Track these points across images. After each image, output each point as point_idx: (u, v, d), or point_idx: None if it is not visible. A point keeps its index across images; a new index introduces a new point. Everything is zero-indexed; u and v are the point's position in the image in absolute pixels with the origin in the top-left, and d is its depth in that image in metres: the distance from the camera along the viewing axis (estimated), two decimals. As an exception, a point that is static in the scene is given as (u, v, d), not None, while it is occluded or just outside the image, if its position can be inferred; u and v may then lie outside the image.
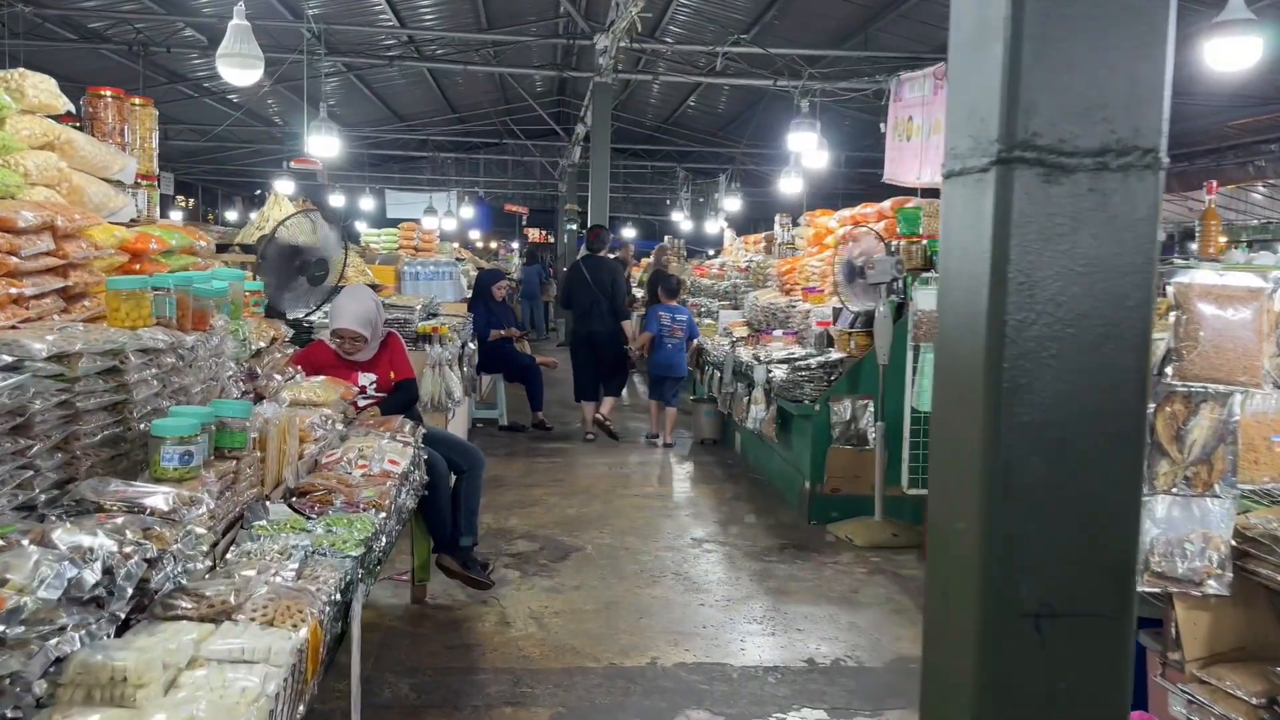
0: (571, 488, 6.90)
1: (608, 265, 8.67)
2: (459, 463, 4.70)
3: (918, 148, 7.83)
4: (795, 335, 7.63)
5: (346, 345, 4.62)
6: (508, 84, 19.30)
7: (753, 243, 13.45)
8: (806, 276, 8.57)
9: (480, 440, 8.53)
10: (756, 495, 6.81)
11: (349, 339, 4.61)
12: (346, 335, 4.60)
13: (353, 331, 4.59)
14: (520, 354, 9.36)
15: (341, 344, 4.62)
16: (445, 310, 7.51)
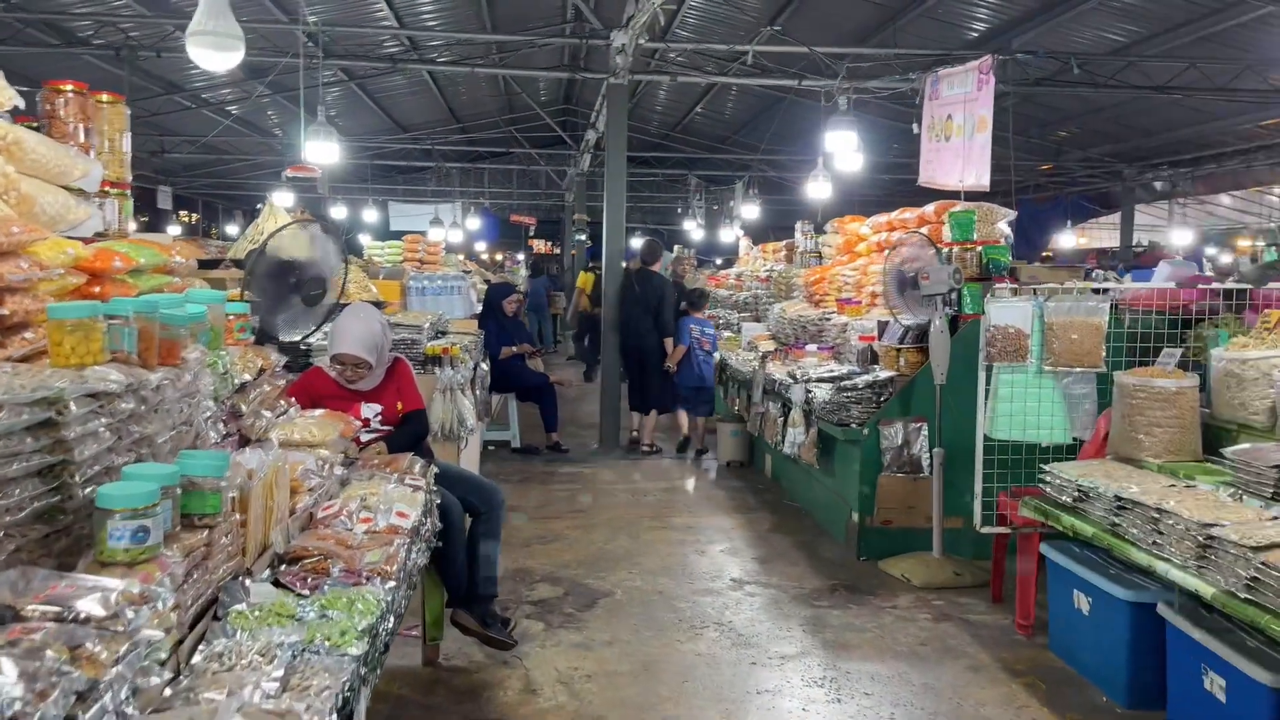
0: (593, 519, 6.36)
1: (656, 280, 8.68)
2: (475, 504, 4.16)
3: (959, 148, 7.29)
4: (831, 350, 7.09)
5: (348, 372, 4.09)
6: (513, 92, 18.83)
7: (772, 251, 12.93)
8: (839, 287, 8.04)
9: (492, 464, 8.00)
10: (796, 526, 6.26)
11: (351, 365, 4.08)
12: (348, 361, 4.07)
13: (355, 357, 4.06)
14: (533, 372, 8.84)
15: (343, 370, 4.09)
16: (455, 328, 6.99)
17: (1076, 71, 8.72)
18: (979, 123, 6.94)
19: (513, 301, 8.82)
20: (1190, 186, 17.28)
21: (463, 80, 18.87)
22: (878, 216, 7.97)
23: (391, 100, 19.27)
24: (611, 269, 9.27)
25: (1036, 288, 4.26)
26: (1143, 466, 4.01)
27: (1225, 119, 13.52)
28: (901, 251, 5.37)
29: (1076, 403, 4.28)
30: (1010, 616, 4.59)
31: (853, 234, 8.54)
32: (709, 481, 7.67)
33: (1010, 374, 4.24)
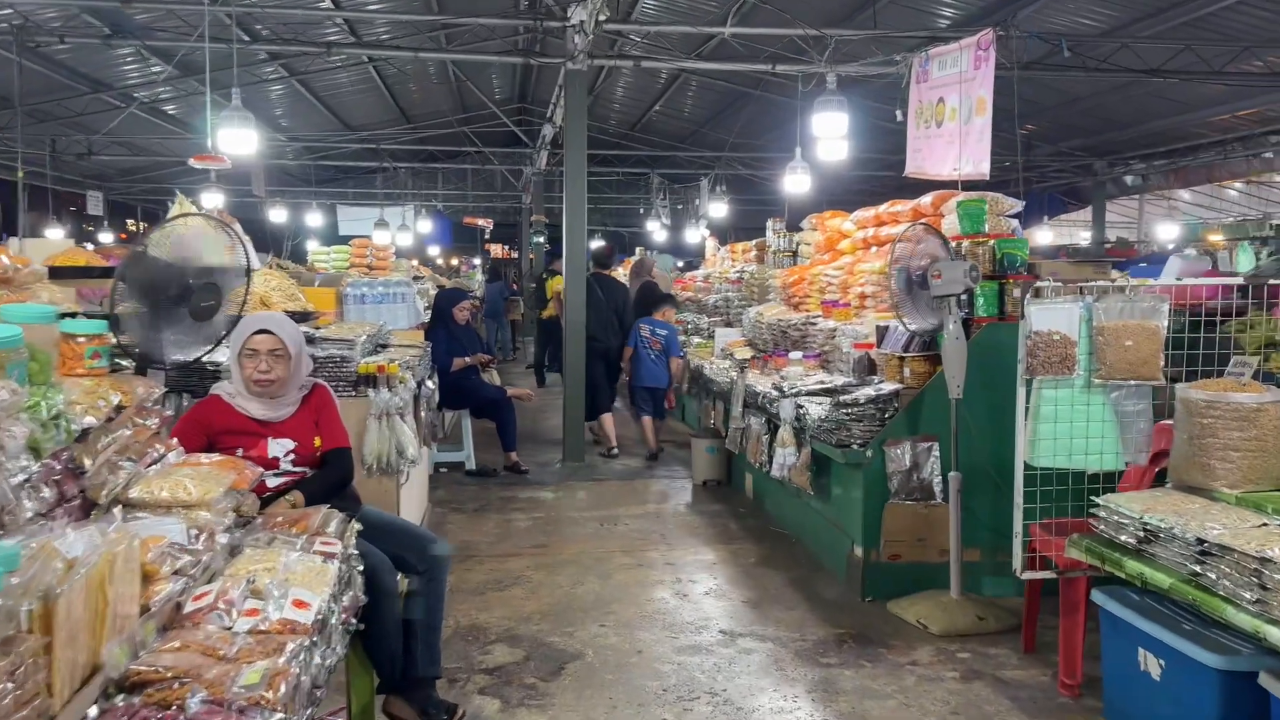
0: (558, 555, 5.59)
1: (618, 284, 8.87)
2: (412, 562, 3.39)
3: (953, 133, 6.65)
4: (819, 358, 6.39)
5: (262, 365, 3.31)
6: (466, 90, 17.97)
7: (741, 251, 12.25)
8: (821, 288, 7.36)
9: (444, 490, 7.20)
10: (787, 559, 5.55)
11: (268, 355, 3.31)
12: (263, 349, 3.31)
13: (273, 340, 3.31)
14: (488, 385, 8.05)
15: (255, 365, 3.31)
16: (398, 340, 6.19)
17: (1067, 54, 8.13)
18: (977, 105, 6.30)
19: (464, 308, 8.03)
20: (1163, 180, 16.89)
21: (413, 77, 18.01)
22: (863, 211, 7.31)
23: (338, 99, 18.32)
24: (574, 272, 8.52)
25: (1083, 286, 3.59)
26: (1215, 497, 3.34)
27: (1200, 109, 13.10)
28: (907, 247, 4.69)
29: (1130, 422, 3.62)
30: (1049, 672, 3.92)
31: (834, 231, 7.87)
32: (684, 505, 6.93)
33: (1054, 389, 3.56)
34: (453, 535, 6.03)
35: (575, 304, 8.48)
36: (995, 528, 4.79)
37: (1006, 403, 4.69)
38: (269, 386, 3.35)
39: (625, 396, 9.76)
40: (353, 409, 4.56)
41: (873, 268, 6.39)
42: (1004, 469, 4.66)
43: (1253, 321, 4.44)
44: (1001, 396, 4.72)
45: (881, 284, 6.24)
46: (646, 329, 8.65)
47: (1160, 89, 12.16)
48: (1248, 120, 13.54)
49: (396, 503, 4.64)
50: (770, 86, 14.81)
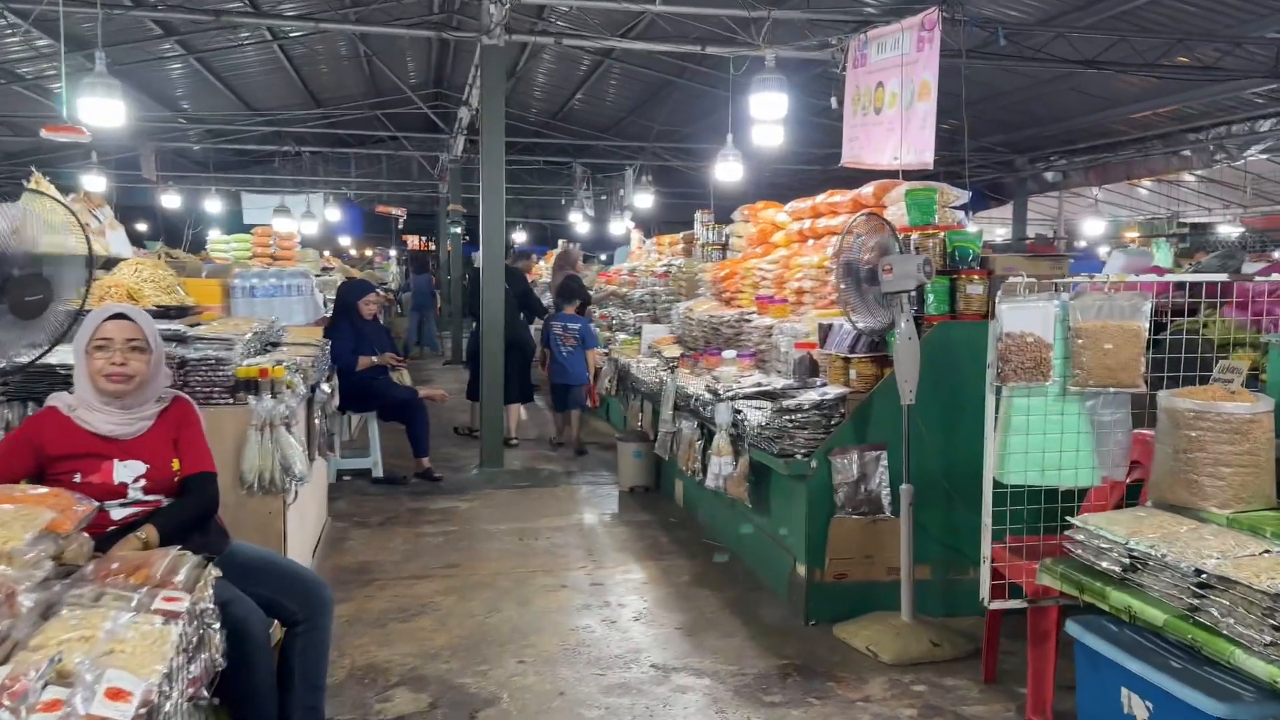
0: (471, 576, 5.07)
1: (519, 275, 8.82)
2: (290, 609, 2.85)
3: (893, 120, 6.31)
4: (754, 358, 5.98)
5: (118, 356, 2.75)
6: (379, 74, 17.15)
7: (668, 244, 11.83)
8: (754, 283, 6.96)
9: (346, 502, 6.60)
10: (722, 577, 5.12)
11: (123, 346, 2.75)
12: (116, 339, 2.76)
13: (130, 329, 2.76)
14: (397, 386, 7.45)
15: (108, 358, 2.74)
16: (293, 338, 5.57)
17: (1003, 43, 7.89)
18: (920, 89, 5.96)
19: (371, 302, 7.41)
20: (1083, 177, 17.04)
21: (323, 58, 17.12)
22: (798, 202, 6.93)
23: (242, 81, 17.29)
24: (491, 263, 7.97)
25: (1059, 282, 3.23)
26: (1204, 518, 3.01)
27: (1122, 106, 13.14)
28: (853, 239, 4.29)
29: (1106, 433, 3.27)
30: (1014, 705, 3.57)
31: (767, 223, 7.49)
32: (610, 514, 6.47)
33: (1026, 397, 3.19)
34: (353, 554, 5.45)
35: (494, 299, 7.95)
36: (948, 543, 4.45)
37: (960, 408, 4.36)
38: (124, 385, 2.78)
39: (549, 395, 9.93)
40: (230, 419, 3.97)
41: (810, 261, 6.01)
42: (957, 480, 4.32)
43: (1206, 321, 4.17)
44: (954, 401, 4.39)
45: (820, 279, 5.87)
46: (559, 326, 8.71)
47: (1082, 83, 12.12)
48: (1166, 118, 13.65)
49: (283, 525, 4.07)
50: (696, 76, 14.44)
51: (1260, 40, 8.70)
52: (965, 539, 4.43)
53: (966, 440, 4.38)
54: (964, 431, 4.40)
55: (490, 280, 7.94)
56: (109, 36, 13.35)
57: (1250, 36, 8.53)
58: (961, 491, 4.35)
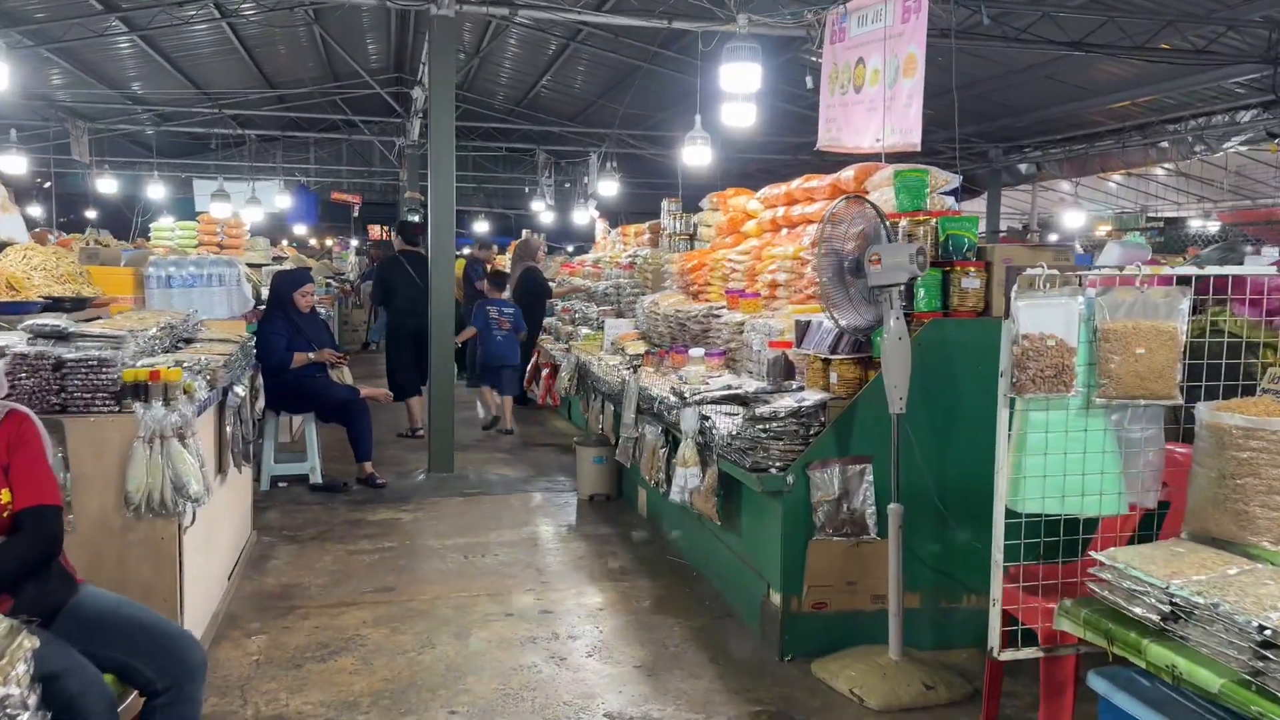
0: (407, 603, 4.52)
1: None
2: (148, 675, 2.30)
3: (875, 98, 5.81)
4: (723, 356, 5.48)
5: None
6: (336, 58, 16.46)
7: (634, 234, 11.29)
8: (724, 275, 6.45)
9: (279, 511, 6.02)
10: (688, 601, 4.61)
11: None
12: None
13: None
14: (337, 385, 6.86)
15: None
16: (210, 333, 4.97)
17: (987, 21, 7.43)
18: (905, 64, 5.46)
19: (308, 293, 6.82)
20: (1057, 169, 16.70)
21: (279, 39, 16.39)
22: (771, 188, 6.42)
23: (193, 63, 16.52)
24: (441, 251, 7.39)
25: (1082, 275, 2.74)
26: (1255, 555, 2.54)
27: (1100, 95, 12.79)
28: (836, 227, 3.79)
29: (1136, 452, 2.78)
30: (1021, 764, 3.09)
31: (738, 211, 6.97)
32: (567, 527, 5.93)
33: (1045, 410, 2.69)
34: (277, 575, 4.88)
35: (443, 290, 7.37)
36: (940, 567, 3.97)
37: (953, 416, 3.88)
38: None
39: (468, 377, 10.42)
40: (115, 429, 3.40)
41: (785, 252, 5.50)
42: (951, 497, 3.85)
43: (1215, 319, 3.72)
44: (947, 408, 3.91)
45: (796, 271, 5.37)
46: (494, 310, 8.93)
47: (1059, 72, 11.75)
48: (1144, 108, 13.32)
49: (178, 553, 3.50)
50: (665, 61, 13.91)
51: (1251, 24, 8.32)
52: (959, 563, 3.97)
53: (961, 452, 3.92)
54: (958, 442, 3.93)
55: (440, 268, 7.37)
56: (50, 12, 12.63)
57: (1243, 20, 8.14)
58: (955, 510, 3.88)
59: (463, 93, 19.67)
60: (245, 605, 4.44)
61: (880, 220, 3.79)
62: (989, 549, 2.85)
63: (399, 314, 8.56)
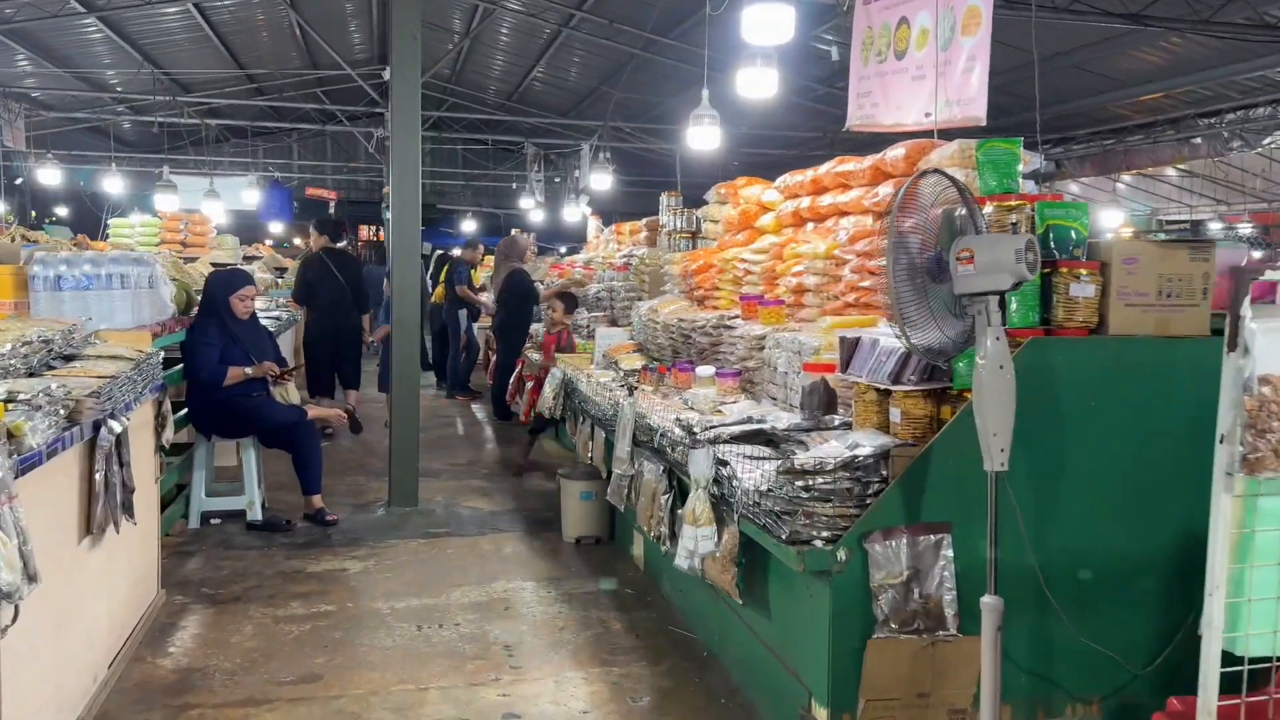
0: (334, 701, 3.49)
1: (351, 259, 8.86)
2: None
3: (924, 64, 4.81)
4: (738, 377, 4.47)
5: None
6: (316, 47, 15.42)
7: (629, 233, 10.29)
8: (736, 278, 5.44)
9: (204, 555, 5.03)
10: (699, 698, 3.59)
11: None
12: None
13: None
14: (280, 405, 5.84)
15: None
16: (99, 350, 3.94)
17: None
18: (965, 19, 4.46)
19: (247, 296, 5.81)
20: (1078, 168, 15.72)
21: (262, 27, 15.38)
22: (792, 175, 5.42)
23: (162, 51, 15.48)
24: (403, 246, 6.37)
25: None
26: None
27: (1129, 86, 11.82)
28: (913, 214, 2.79)
29: None
30: None
31: (752, 203, 5.97)
32: (547, 580, 4.91)
33: None
34: (178, 654, 3.86)
35: (407, 289, 6.35)
36: (1040, 671, 2.97)
37: (1060, 470, 2.89)
38: None
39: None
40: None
41: (814, 250, 4.50)
42: (1057, 577, 2.85)
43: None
44: (1052, 460, 2.91)
45: (829, 273, 4.37)
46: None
47: (1085, 60, 10.79)
48: (1178, 100, 12.35)
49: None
50: (662, 49, 12.90)
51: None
52: (1064, 664, 2.97)
53: (1071, 518, 2.93)
54: (1066, 505, 2.94)
55: (403, 264, 6.35)
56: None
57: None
58: (1063, 595, 2.88)
59: (451, 85, 18.67)
60: (125, 705, 3.42)
61: (969, 204, 2.78)
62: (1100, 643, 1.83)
63: (319, 314, 8.34)
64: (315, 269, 8.39)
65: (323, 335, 8.34)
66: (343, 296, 8.24)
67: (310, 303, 8.46)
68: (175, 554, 5.12)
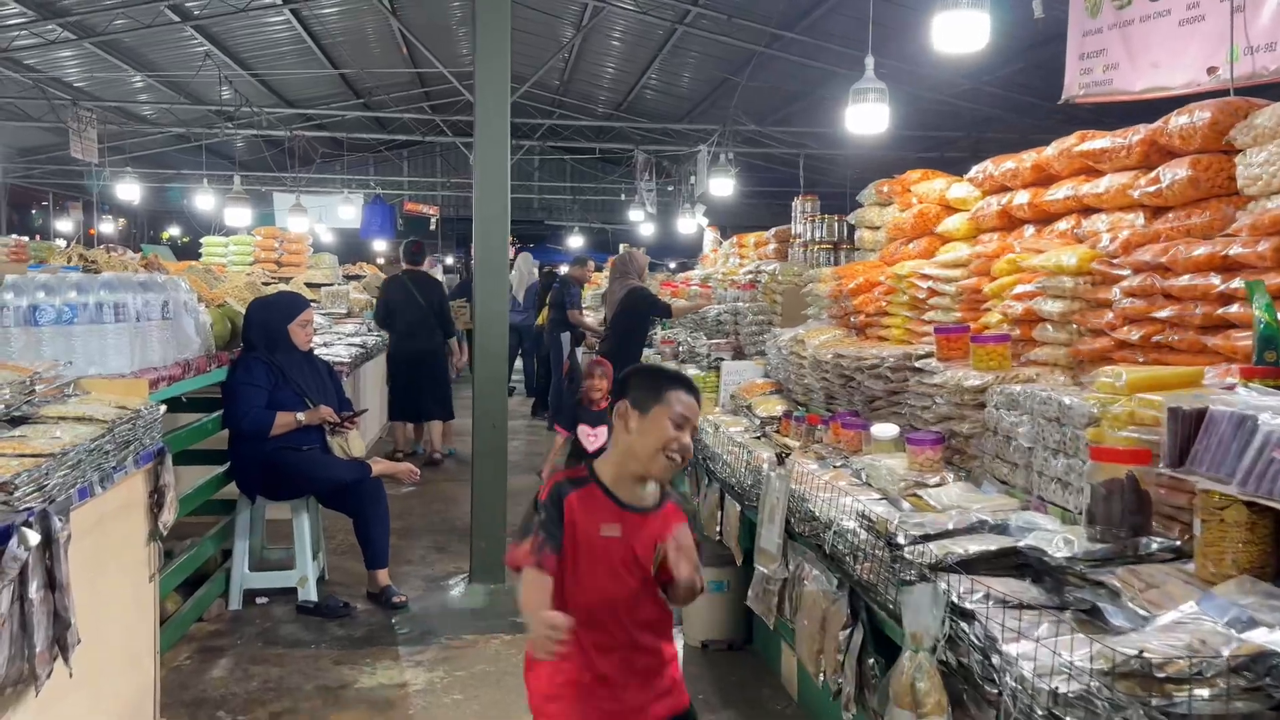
0: None
1: (433, 281, 8.39)
2: None
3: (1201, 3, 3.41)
4: (939, 445, 3.12)
5: None
6: (419, 57, 14.69)
7: (754, 245, 9.02)
8: (912, 301, 4.09)
9: (238, 654, 3.97)
10: None
11: None
12: None
13: None
14: (338, 461, 4.75)
15: None
16: (70, 406, 2.90)
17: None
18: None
19: (306, 323, 4.77)
20: None
21: (368, 40, 14.83)
22: (998, 161, 4.03)
23: (264, 62, 15.06)
24: (490, 256, 5.23)
25: None
26: None
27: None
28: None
29: None
30: None
31: (931, 201, 4.61)
32: (668, 710, 3.64)
33: None
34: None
35: (492, 311, 5.19)
36: None
37: None
38: None
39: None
40: None
41: (1056, 263, 3.10)
42: None
43: None
44: None
45: (1082, 295, 2.98)
46: None
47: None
48: None
49: None
50: (786, 45, 11.61)
51: None
52: None
53: None
54: None
55: (489, 280, 5.21)
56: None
57: None
58: None
59: (559, 97, 17.79)
60: None
61: None
62: None
63: (399, 338, 8.14)
64: (395, 291, 8.16)
65: (402, 360, 8.11)
66: (423, 320, 7.95)
67: (390, 326, 8.23)
68: (200, 651, 4.08)
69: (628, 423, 2.12)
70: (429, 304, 7.99)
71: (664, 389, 2.12)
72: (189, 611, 4.19)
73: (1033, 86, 11.69)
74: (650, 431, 2.08)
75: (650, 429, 2.08)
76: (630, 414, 2.11)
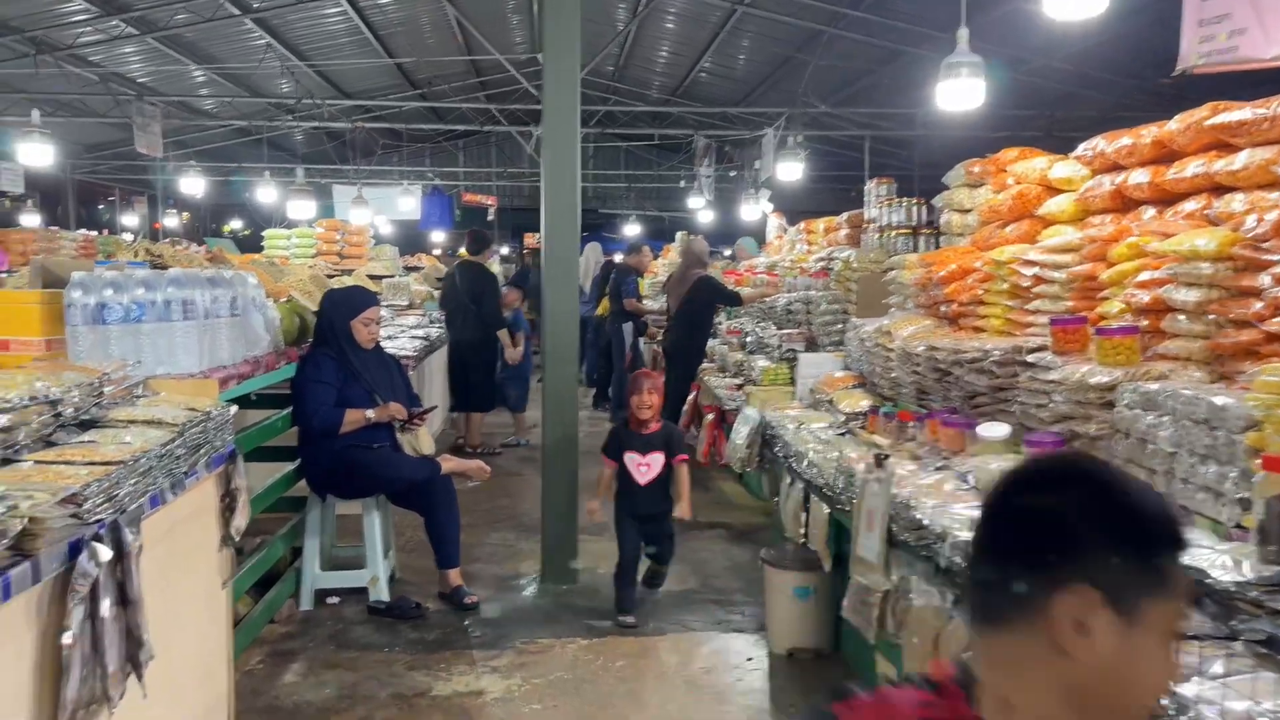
0: None
1: (479, 272, 8.14)
2: None
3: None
4: (1061, 445, 2.87)
5: None
6: (475, 45, 14.56)
7: (824, 231, 8.74)
8: (1013, 289, 3.82)
9: (310, 656, 3.88)
10: None
11: None
12: None
13: None
14: (408, 459, 4.62)
15: None
16: (139, 409, 2.80)
17: None
18: None
19: (369, 321, 4.64)
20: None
21: (428, 33, 14.77)
22: (1104, 140, 3.74)
23: (321, 53, 15.08)
24: (559, 245, 5.04)
25: None
26: None
27: None
28: None
29: None
30: None
31: (1031, 181, 4.32)
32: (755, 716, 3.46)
33: None
34: None
35: (562, 301, 5.00)
36: None
37: None
38: None
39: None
40: None
41: (1190, 247, 2.81)
42: None
43: None
44: None
45: (1221, 283, 2.70)
46: None
47: None
48: None
49: None
50: (851, 24, 11.25)
51: None
52: None
53: None
54: None
55: (557, 271, 5.02)
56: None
57: None
58: None
59: (614, 83, 17.58)
60: None
61: None
62: None
63: (448, 329, 8.28)
64: (446, 282, 8.46)
65: (452, 351, 8.25)
66: (463, 310, 7.93)
67: (445, 318, 8.43)
68: (272, 655, 3.98)
69: (1095, 639, 0.92)
70: (470, 295, 7.92)
71: (1164, 560, 0.95)
72: (261, 614, 4.09)
73: (1114, 61, 11.19)
74: (1146, 655, 0.94)
75: (1145, 649, 0.94)
76: (1100, 616, 0.91)
